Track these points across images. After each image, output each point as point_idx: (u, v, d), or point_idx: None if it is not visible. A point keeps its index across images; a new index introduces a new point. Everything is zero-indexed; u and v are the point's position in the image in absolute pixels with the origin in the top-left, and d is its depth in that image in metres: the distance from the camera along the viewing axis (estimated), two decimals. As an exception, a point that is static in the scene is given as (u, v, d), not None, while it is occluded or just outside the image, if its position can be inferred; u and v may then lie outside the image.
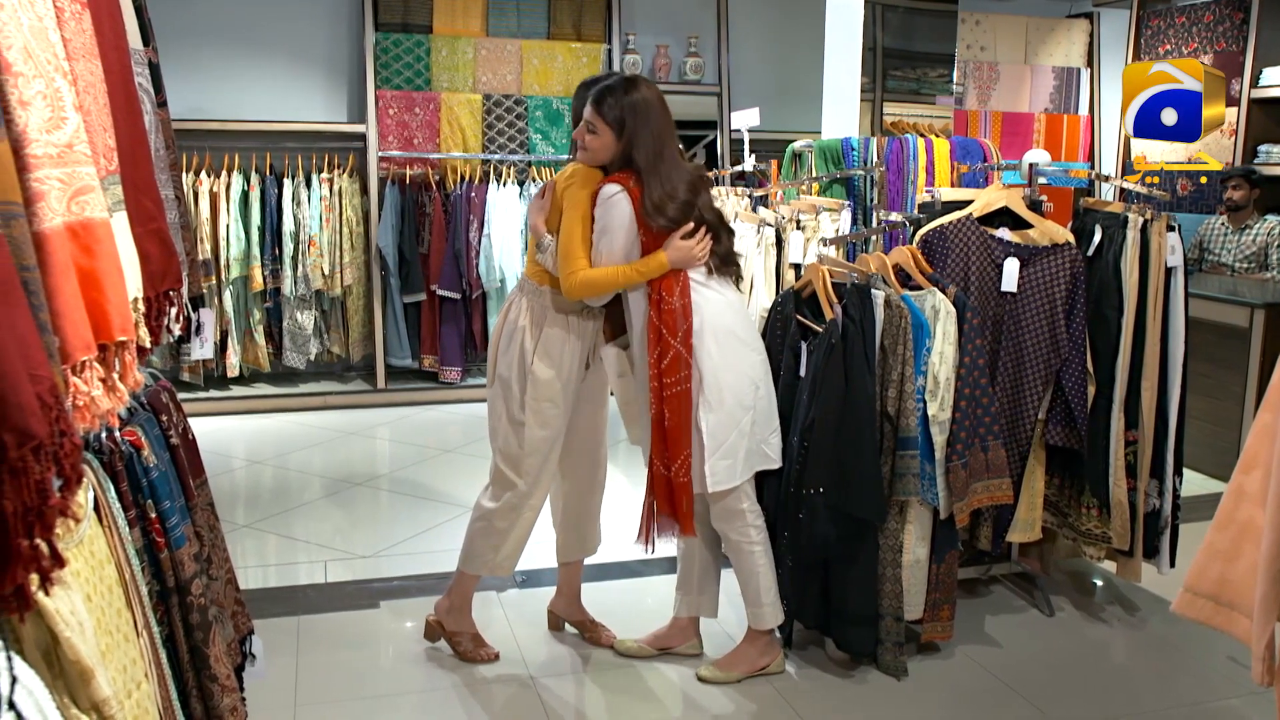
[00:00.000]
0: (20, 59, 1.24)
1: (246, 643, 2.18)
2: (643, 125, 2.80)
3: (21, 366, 0.87)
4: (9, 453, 0.85)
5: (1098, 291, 3.28)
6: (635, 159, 2.80)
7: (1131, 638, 3.36)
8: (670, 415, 2.77)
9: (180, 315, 1.86)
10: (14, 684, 0.78)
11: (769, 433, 2.90)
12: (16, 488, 0.86)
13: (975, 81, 7.44)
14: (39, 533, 0.90)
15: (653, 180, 2.78)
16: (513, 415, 2.94)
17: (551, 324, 2.92)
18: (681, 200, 2.80)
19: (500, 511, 3.01)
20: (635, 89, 2.82)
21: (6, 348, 0.84)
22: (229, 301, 6.04)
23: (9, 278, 0.91)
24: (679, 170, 2.83)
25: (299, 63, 6.42)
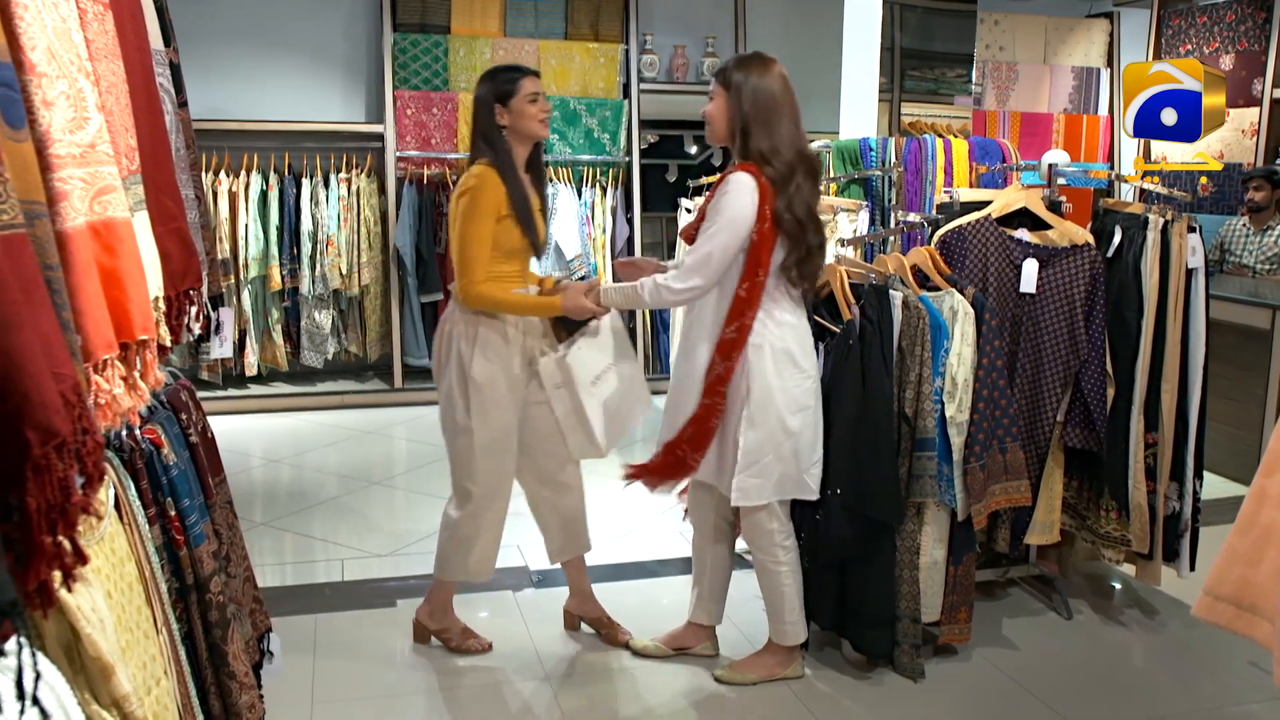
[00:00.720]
0: (44, 60, 1.25)
1: (264, 640, 2.19)
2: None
3: (45, 365, 0.87)
4: (33, 450, 0.85)
5: (1117, 293, 3.26)
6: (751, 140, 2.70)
7: (1151, 642, 3.34)
8: (709, 421, 2.77)
9: (200, 314, 1.88)
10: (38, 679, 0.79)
11: (811, 463, 2.82)
12: (40, 485, 0.86)
13: (994, 81, 7.41)
14: (62, 530, 0.90)
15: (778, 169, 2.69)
16: (459, 423, 2.93)
17: (488, 328, 2.89)
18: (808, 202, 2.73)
19: (463, 519, 3.02)
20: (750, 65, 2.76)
21: (30, 346, 0.85)
22: (247, 301, 6.07)
23: (33, 276, 0.92)
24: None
25: (317, 63, 6.44)
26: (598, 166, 6.63)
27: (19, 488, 0.85)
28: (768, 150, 2.67)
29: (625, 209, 6.66)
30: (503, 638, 3.25)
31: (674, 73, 6.89)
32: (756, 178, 2.65)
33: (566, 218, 6.40)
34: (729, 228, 2.66)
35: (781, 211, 2.65)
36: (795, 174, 2.67)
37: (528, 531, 4.15)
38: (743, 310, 2.68)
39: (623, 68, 6.68)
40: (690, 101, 7.05)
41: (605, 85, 6.66)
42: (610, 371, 3.06)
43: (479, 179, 2.83)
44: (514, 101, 2.87)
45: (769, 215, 2.65)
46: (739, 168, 2.69)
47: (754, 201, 2.64)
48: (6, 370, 0.82)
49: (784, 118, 2.69)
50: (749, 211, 2.64)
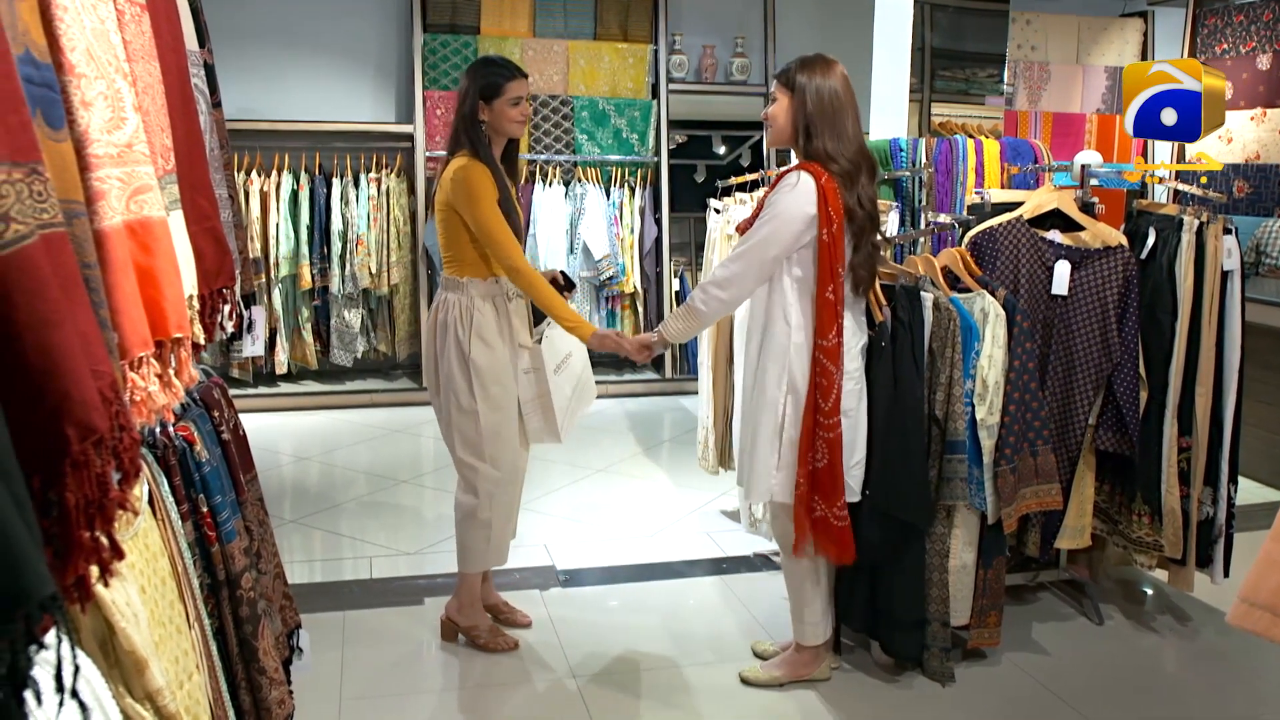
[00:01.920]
0: (83, 61, 1.26)
1: (294, 636, 2.20)
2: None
3: (84, 362, 0.88)
4: (71, 446, 0.86)
5: (1151, 295, 3.22)
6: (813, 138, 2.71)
7: (1183, 648, 3.30)
8: (830, 455, 2.71)
9: (233, 312, 1.89)
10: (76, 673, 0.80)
11: (852, 463, 2.80)
12: (78, 481, 0.87)
13: (1025, 81, 7.35)
14: (99, 525, 0.91)
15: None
16: (463, 406, 2.99)
17: (480, 311, 2.96)
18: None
19: (481, 504, 3.06)
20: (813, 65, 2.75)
21: (70, 344, 0.86)
22: (278, 299, 6.12)
23: (72, 275, 0.93)
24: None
25: (348, 64, 6.49)
26: (626, 167, 6.64)
27: (58, 483, 0.87)
28: (834, 150, 2.68)
29: (654, 209, 6.66)
30: (529, 636, 3.26)
31: (703, 73, 6.88)
32: (818, 178, 2.65)
33: (595, 218, 6.41)
34: (776, 221, 2.67)
35: (854, 207, 2.67)
36: (860, 172, 2.70)
37: (554, 530, 4.18)
38: (835, 313, 2.67)
39: (652, 68, 6.68)
40: (719, 102, 7.05)
41: (634, 85, 6.66)
42: (568, 361, 3.15)
43: (467, 169, 2.91)
44: (497, 102, 2.96)
45: (840, 213, 2.65)
46: (802, 167, 2.69)
47: (811, 201, 2.64)
48: (47, 367, 0.83)
49: (848, 117, 2.71)
50: (803, 211, 2.64)
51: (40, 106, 1.08)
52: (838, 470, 2.71)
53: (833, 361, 2.68)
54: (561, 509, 4.47)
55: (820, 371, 2.69)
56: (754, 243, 2.70)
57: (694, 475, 4.63)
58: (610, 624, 3.38)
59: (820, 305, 2.67)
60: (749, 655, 3.15)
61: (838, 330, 2.68)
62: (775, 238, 2.67)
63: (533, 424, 3.12)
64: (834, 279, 2.66)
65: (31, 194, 0.89)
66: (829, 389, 2.68)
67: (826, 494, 2.72)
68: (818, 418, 2.70)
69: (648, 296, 6.67)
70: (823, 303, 2.67)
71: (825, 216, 2.64)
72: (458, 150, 2.98)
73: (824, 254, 2.65)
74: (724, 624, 3.38)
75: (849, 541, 2.76)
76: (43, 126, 1.08)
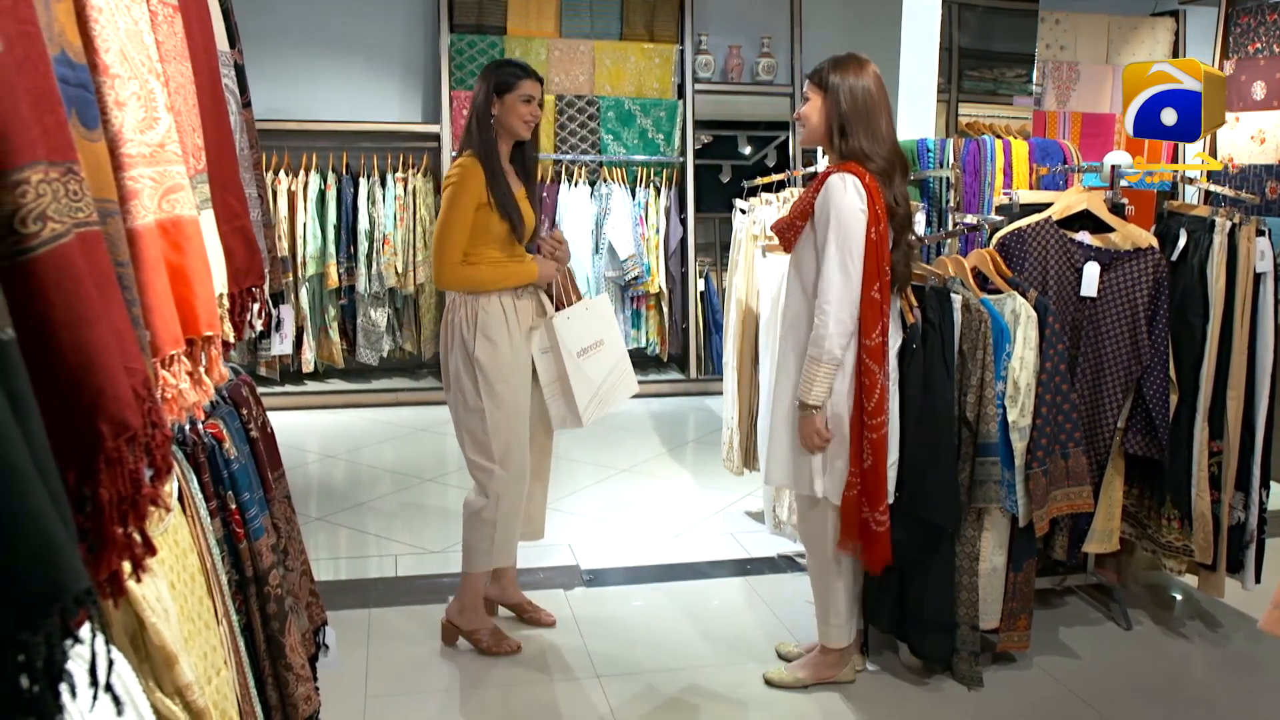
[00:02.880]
0: (117, 61, 1.27)
1: (320, 633, 2.22)
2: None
3: (118, 360, 0.89)
4: (106, 443, 0.87)
5: (1182, 297, 3.19)
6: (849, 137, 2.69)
7: (1213, 655, 3.26)
8: (874, 457, 2.68)
9: (263, 311, 1.90)
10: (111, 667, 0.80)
11: (888, 465, 2.78)
12: (112, 477, 0.88)
13: (1054, 82, 7.29)
14: (132, 521, 0.92)
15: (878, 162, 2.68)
16: (470, 405, 3.01)
17: (486, 310, 2.99)
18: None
19: (488, 504, 3.07)
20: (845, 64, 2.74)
21: (105, 341, 0.87)
22: (305, 298, 6.16)
23: (107, 273, 0.94)
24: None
25: (375, 64, 6.52)
26: (652, 167, 6.64)
27: (92, 479, 0.87)
28: (869, 149, 2.66)
29: (679, 209, 6.65)
30: (553, 636, 3.27)
31: (729, 73, 6.87)
32: (862, 177, 2.63)
33: (620, 218, 6.41)
34: (843, 229, 2.62)
35: (893, 205, 2.67)
36: (894, 170, 2.69)
37: (578, 530, 4.18)
38: (881, 312, 2.65)
39: (677, 68, 6.68)
40: (745, 102, 7.03)
41: (660, 85, 6.66)
42: (599, 349, 3.16)
43: (461, 170, 2.96)
44: (509, 96, 2.99)
45: (884, 212, 2.65)
46: (843, 168, 2.66)
47: (862, 201, 2.62)
48: (82, 365, 0.84)
49: (881, 117, 2.70)
50: (859, 213, 2.62)
51: (75, 106, 1.09)
52: (881, 472, 2.70)
53: (876, 361, 2.66)
54: (586, 509, 4.47)
55: (864, 371, 2.67)
56: (834, 265, 2.62)
57: (718, 476, 4.63)
58: (634, 624, 3.38)
59: (866, 304, 2.65)
60: (773, 656, 3.14)
61: (882, 329, 2.66)
62: (854, 245, 2.62)
63: (555, 409, 3.13)
64: (880, 277, 2.65)
65: (67, 193, 0.90)
66: (872, 389, 2.66)
67: (871, 497, 2.70)
68: (863, 418, 2.68)
69: (672, 297, 6.67)
70: (868, 302, 2.65)
71: (873, 215, 2.63)
72: (465, 149, 3.03)
73: (871, 253, 2.63)
74: (748, 625, 3.37)
75: (888, 547, 2.74)
76: (78, 126, 1.09)
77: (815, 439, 2.70)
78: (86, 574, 0.73)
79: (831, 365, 2.66)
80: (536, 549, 3.95)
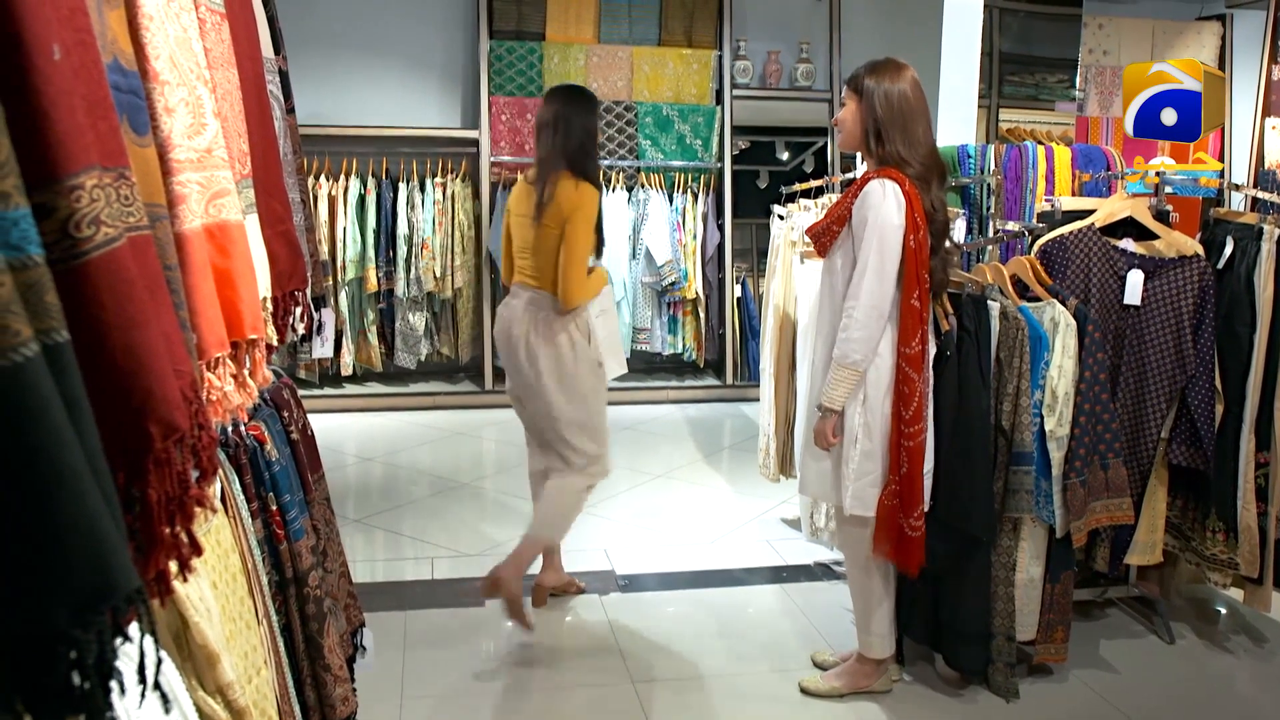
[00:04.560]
0: (166, 68, 1.30)
1: (358, 635, 2.23)
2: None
3: (167, 362, 0.90)
4: (155, 444, 0.89)
5: (1228, 306, 3.14)
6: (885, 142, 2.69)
7: (1259, 670, 3.20)
8: (910, 465, 2.67)
9: (305, 315, 1.93)
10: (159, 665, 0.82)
11: (924, 473, 2.76)
12: (160, 478, 0.89)
13: (1097, 87, 7.21)
14: (180, 521, 0.93)
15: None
16: (577, 393, 3.26)
17: (586, 312, 3.32)
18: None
19: (581, 479, 3.34)
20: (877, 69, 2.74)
21: (155, 343, 0.88)
22: (344, 302, 6.22)
23: (157, 276, 0.96)
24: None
25: (415, 70, 6.57)
26: (689, 172, 6.64)
27: (141, 480, 0.89)
28: (906, 154, 2.65)
29: (716, 215, 6.65)
30: (589, 641, 3.27)
31: (767, 78, 6.86)
32: (901, 184, 2.61)
33: (658, 223, 6.42)
34: (881, 236, 2.60)
35: (932, 212, 2.65)
36: (932, 175, 2.67)
37: (613, 535, 4.18)
38: (919, 320, 2.63)
39: (716, 74, 6.68)
40: (784, 108, 7.01)
41: (698, 91, 6.66)
42: (605, 312, 3.49)
43: (587, 195, 3.17)
44: (597, 134, 3.29)
45: (924, 219, 2.63)
46: (882, 174, 2.65)
47: (901, 207, 2.60)
48: (133, 367, 0.85)
49: (918, 121, 2.67)
50: (896, 219, 2.60)
51: (126, 113, 1.11)
52: (917, 480, 2.68)
53: (915, 369, 2.64)
54: (621, 514, 4.47)
55: (903, 379, 2.65)
56: (869, 270, 2.60)
57: (754, 482, 4.61)
58: (669, 630, 3.38)
59: (905, 311, 2.63)
60: (808, 664, 3.12)
61: (921, 337, 2.65)
62: (890, 252, 2.61)
63: (611, 364, 3.45)
64: (920, 284, 2.63)
65: (119, 197, 0.91)
66: (910, 397, 2.64)
67: (906, 503, 2.68)
68: (900, 426, 2.66)
69: (709, 302, 6.66)
70: (907, 309, 2.63)
71: (912, 222, 2.61)
72: (578, 173, 3.19)
73: (910, 260, 2.62)
74: (783, 632, 3.35)
75: (920, 552, 2.72)
76: (128, 132, 1.11)
77: (823, 441, 2.74)
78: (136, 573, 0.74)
79: (854, 371, 2.65)
80: (571, 554, 3.97)
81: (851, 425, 2.72)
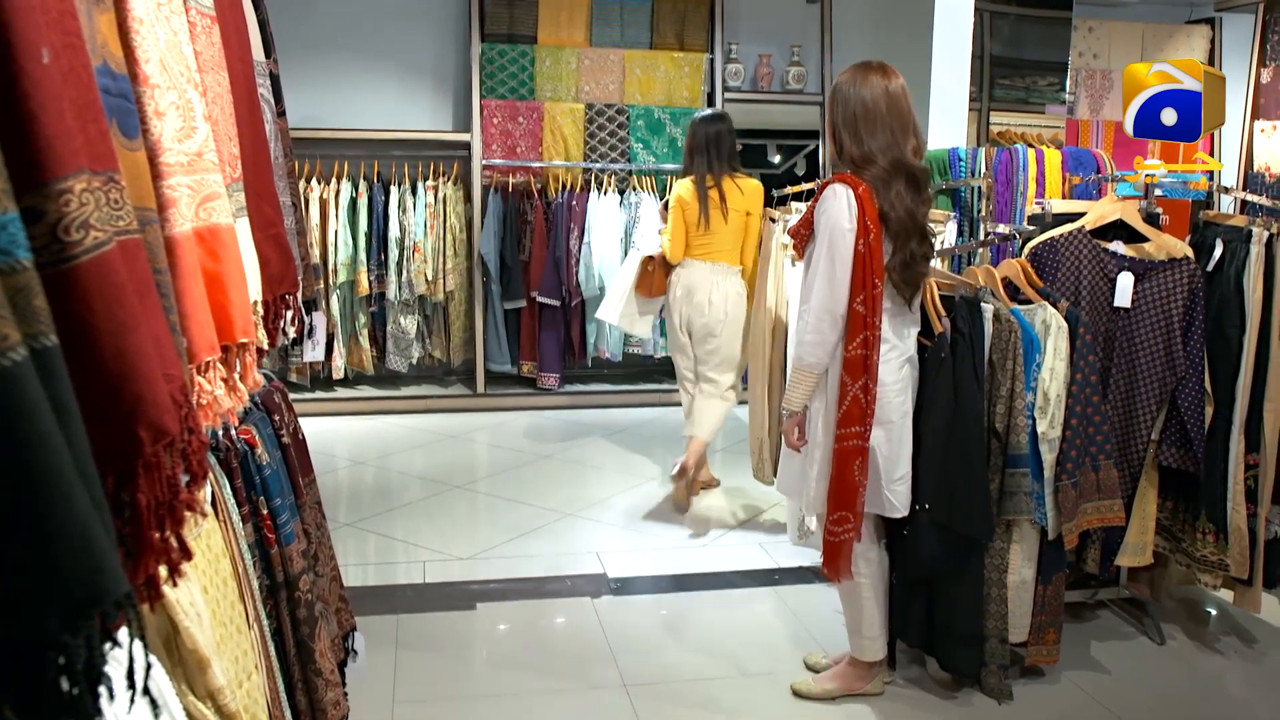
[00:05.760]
0: (156, 72, 1.29)
1: (349, 639, 2.23)
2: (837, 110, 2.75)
3: (157, 366, 0.90)
4: (144, 448, 0.88)
5: (1218, 308, 3.15)
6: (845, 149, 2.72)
7: (1249, 671, 3.21)
8: (836, 468, 2.67)
9: (296, 318, 1.92)
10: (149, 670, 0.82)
11: (895, 479, 2.77)
12: (150, 482, 0.89)
13: (1087, 90, 7.24)
14: (169, 526, 0.93)
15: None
16: (736, 339, 4.41)
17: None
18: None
19: (727, 400, 4.49)
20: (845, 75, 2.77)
21: (144, 347, 0.88)
22: (335, 305, 6.20)
23: (146, 280, 0.95)
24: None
25: (407, 73, 6.57)
26: (681, 175, 6.63)
27: (131, 484, 0.89)
28: (858, 157, 2.66)
29: (707, 218, 6.64)
30: (581, 644, 3.27)
31: (759, 82, 6.87)
32: (854, 188, 2.61)
33: (650, 226, 6.40)
34: (829, 240, 2.62)
35: (886, 211, 2.63)
36: (893, 178, 2.64)
37: (606, 538, 4.18)
38: (861, 324, 2.62)
39: (707, 77, 6.68)
40: (775, 111, 7.02)
41: (690, 94, 6.66)
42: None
43: (751, 188, 4.42)
44: None
45: (876, 223, 2.61)
46: (838, 177, 2.66)
47: (851, 211, 2.60)
48: (122, 371, 0.85)
49: (878, 125, 2.66)
50: (847, 223, 2.60)
51: (116, 116, 1.11)
52: (845, 485, 2.66)
53: (851, 373, 2.63)
54: (613, 517, 4.47)
55: (839, 381, 2.67)
56: (820, 273, 2.64)
57: (746, 485, 4.61)
58: (661, 633, 3.38)
59: (850, 315, 2.64)
60: (800, 667, 3.13)
61: (862, 342, 2.62)
62: (840, 256, 2.61)
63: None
64: (865, 289, 2.61)
65: (109, 201, 0.91)
66: (842, 399, 2.65)
67: (830, 505, 2.70)
68: (836, 429, 2.68)
69: (701, 305, 6.65)
70: (851, 313, 2.63)
71: (862, 227, 2.60)
72: (732, 171, 4.39)
73: (858, 264, 2.61)
74: (776, 635, 3.36)
75: (836, 558, 2.72)
76: (118, 136, 1.11)
77: (790, 442, 2.80)
78: (126, 578, 0.74)
79: (809, 373, 2.68)
80: (563, 557, 3.97)
81: (814, 427, 2.73)
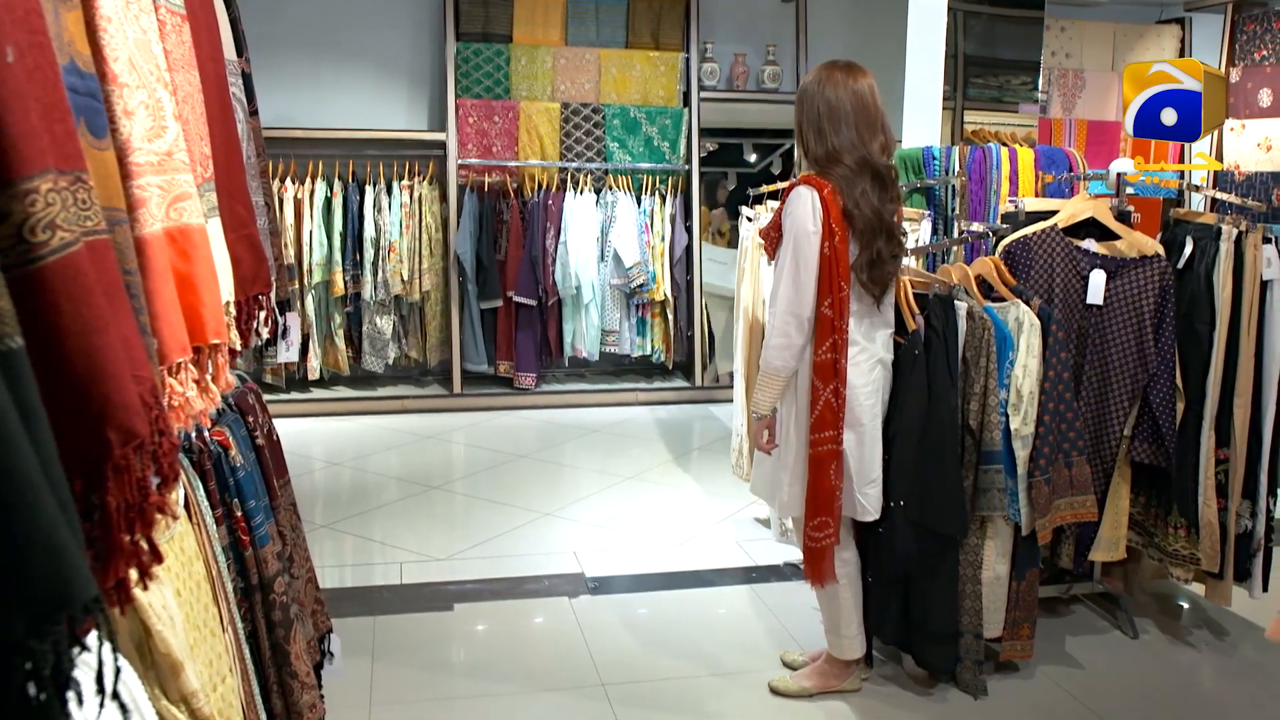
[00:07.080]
0: (125, 70, 1.28)
1: (325, 641, 2.22)
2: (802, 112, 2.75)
3: (126, 368, 0.89)
4: (113, 451, 0.87)
5: (1188, 305, 3.18)
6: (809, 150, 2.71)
7: (1220, 663, 3.25)
8: (811, 473, 2.69)
9: (269, 319, 1.91)
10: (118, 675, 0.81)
11: (867, 481, 2.77)
12: (119, 485, 0.88)
13: (1060, 89, 7.29)
14: (139, 529, 0.92)
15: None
16: None
17: None
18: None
19: None
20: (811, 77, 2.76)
21: (113, 349, 0.87)
22: (310, 306, 6.17)
23: (115, 281, 0.95)
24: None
25: (381, 72, 6.54)
26: (657, 175, 6.64)
27: (99, 487, 0.88)
28: (822, 156, 2.67)
29: (684, 217, 6.65)
30: (558, 644, 3.26)
31: (734, 80, 6.88)
32: (819, 189, 2.61)
33: (626, 225, 6.42)
34: (793, 243, 2.63)
35: (851, 210, 2.62)
36: (858, 179, 2.64)
37: (583, 537, 4.18)
38: (830, 328, 2.62)
39: (683, 76, 6.69)
40: (751, 109, 7.04)
41: (665, 93, 6.67)
42: None
43: None
44: None
45: (841, 224, 2.61)
46: (803, 179, 2.66)
47: (816, 214, 2.60)
48: (90, 373, 0.84)
49: (841, 124, 2.65)
50: (811, 226, 2.61)
51: (84, 115, 1.10)
52: (820, 490, 2.68)
53: (821, 377, 2.64)
54: (591, 516, 4.47)
55: (810, 386, 2.68)
56: (785, 277, 2.64)
57: (724, 483, 4.62)
58: (639, 632, 3.38)
59: (817, 318, 2.64)
60: (778, 665, 3.14)
61: (831, 346, 2.63)
62: (804, 259, 2.62)
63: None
64: (832, 293, 2.61)
65: (76, 201, 0.90)
66: (814, 404, 2.66)
67: (808, 511, 2.72)
68: (809, 434, 2.69)
69: (678, 304, 6.67)
70: (819, 317, 2.64)
71: (826, 230, 2.60)
72: None
73: (824, 268, 2.61)
74: (753, 633, 3.36)
75: (819, 564, 2.74)
76: (86, 135, 1.10)
77: (759, 445, 2.79)
78: (94, 582, 0.73)
79: (776, 376, 2.68)
80: (541, 557, 3.96)
81: (785, 430, 2.74)
